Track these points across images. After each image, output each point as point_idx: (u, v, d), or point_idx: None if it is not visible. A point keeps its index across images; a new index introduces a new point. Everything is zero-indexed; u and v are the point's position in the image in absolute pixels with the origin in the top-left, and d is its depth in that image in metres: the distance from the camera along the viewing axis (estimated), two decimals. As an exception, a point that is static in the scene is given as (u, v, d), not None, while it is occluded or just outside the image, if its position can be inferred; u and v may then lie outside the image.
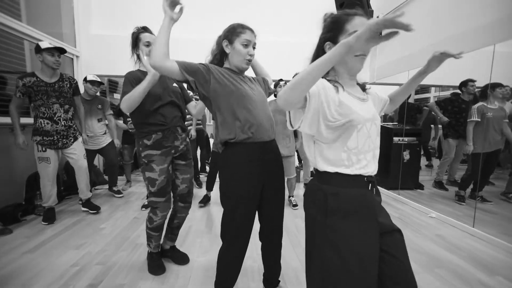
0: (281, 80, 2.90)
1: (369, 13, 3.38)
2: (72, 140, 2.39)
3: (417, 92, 4.57)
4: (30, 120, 2.44)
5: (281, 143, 2.71)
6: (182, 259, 1.70)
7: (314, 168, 0.86)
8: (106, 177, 3.50)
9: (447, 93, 3.76)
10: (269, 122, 1.17)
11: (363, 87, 0.91)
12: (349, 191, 0.76)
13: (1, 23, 2.46)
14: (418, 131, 3.67)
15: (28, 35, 2.82)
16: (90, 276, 1.54)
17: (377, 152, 0.83)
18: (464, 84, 3.07)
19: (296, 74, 2.89)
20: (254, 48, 1.16)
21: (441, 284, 1.54)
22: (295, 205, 2.85)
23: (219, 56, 1.19)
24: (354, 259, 0.72)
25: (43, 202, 2.33)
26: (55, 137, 2.26)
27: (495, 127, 2.68)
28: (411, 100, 4.33)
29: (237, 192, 1.12)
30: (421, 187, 3.63)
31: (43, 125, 2.21)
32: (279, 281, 1.41)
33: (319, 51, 0.84)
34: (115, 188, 3.19)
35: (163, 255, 1.71)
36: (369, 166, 0.79)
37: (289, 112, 0.79)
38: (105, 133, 3.06)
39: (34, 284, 1.46)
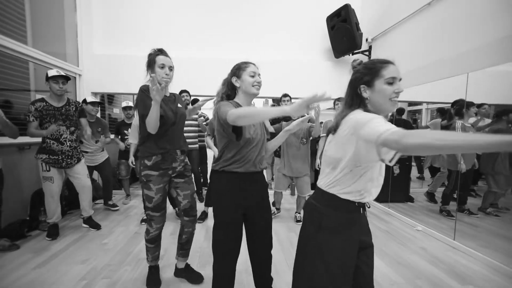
0: (286, 95, 3.15)
1: (358, 37, 3.69)
2: (76, 161, 2.57)
3: (410, 104, 4.84)
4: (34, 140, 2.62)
5: (295, 163, 2.90)
6: (196, 278, 1.82)
7: (317, 183, 1.05)
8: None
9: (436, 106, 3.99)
10: (259, 156, 1.36)
11: None
12: (342, 214, 0.97)
13: (8, 47, 2.67)
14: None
15: (33, 57, 3.03)
16: (98, 290, 1.70)
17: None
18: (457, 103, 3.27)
19: (284, 94, 3.14)
20: (259, 76, 1.35)
21: (419, 294, 1.73)
22: (299, 221, 3.02)
23: (230, 92, 1.41)
24: (335, 265, 0.94)
25: (48, 218, 2.49)
26: (60, 156, 2.45)
27: None
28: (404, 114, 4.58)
29: (220, 216, 1.33)
30: (411, 199, 3.84)
31: (49, 144, 2.41)
32: None
33: (353, 93, 0.98)
34: (110, 202, 3.39)
35: (178, 275, 1.87)
36: (373, 195, 0.99)
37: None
38: (102, 150, 3.29)
39: (45, 298, 1.61)
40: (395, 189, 3.71)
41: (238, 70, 1.36)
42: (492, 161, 2.94)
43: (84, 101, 3.09)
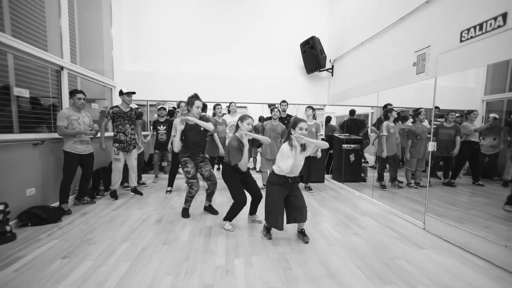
0: (274, 106, 4.54)
1: (322, 59, 5.09)
2: (132, 148, 3.94)
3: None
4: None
5: (274, 149, 4.28)
6: (214, 212, 3.29)
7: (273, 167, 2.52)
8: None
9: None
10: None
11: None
12: (279, 179, 2.45)
13: (66, 67, 4.00)
14: (360, 140, 5.34)
15: (82, 74, 4.32)
16: (154, 218, 3.08)
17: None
18: (385, 107, 4.74)
19: (283, 100, 4.63)
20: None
21: (336, 219, 3.13)
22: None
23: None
24: (276, 197, 2.43)
25: (111, 186, 3.84)
26: (125, 144, 3.83)
27: (393, 138, 4.38)
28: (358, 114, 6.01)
29: (231, 180, 2.76)
30: (363, 180, 5.27)
31: (119, 136, 3.78)
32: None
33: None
34: (140, 182, 4.77)
35: (206, 209, 3.34)
36: (294, 174, 2.44)
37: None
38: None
39: (126, 222, 2.96)
40: (351, 172, 5.14)
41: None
42: (408, 149, 4.37)
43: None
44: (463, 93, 3.27)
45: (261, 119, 6.20)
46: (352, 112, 5.28)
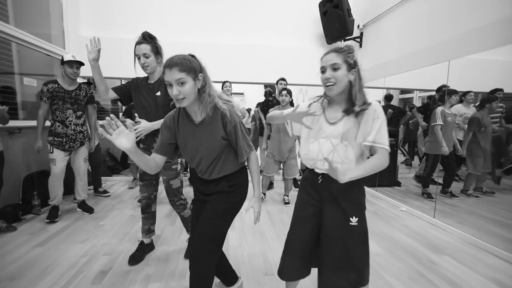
0: (283, 79, 3.61)
1: (350, 23, 3.82)
2: (79, 145, 2.68)
3: (401, 92, 5.07)
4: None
5: (284, 147, 3.10)
6: None
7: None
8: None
9: (427, 94, 4.23)
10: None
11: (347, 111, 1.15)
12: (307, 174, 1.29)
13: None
14: (395, 132, 4.15)
15: (16, 37, 3.00)
16: (100, 264, 1.85)
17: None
18: (440, 90, 3.49)
19: (281, 78, 3.37)
20: (182, 83, 1.04)
21: (397, 262, 1.96)
22: (287, 203, 3.26)
23: None
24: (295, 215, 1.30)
25: (50, 200, 2.60)
26: (64, 139, 2.57)
27: (451, 130, 3.19)
28: (395, 102, 4.80)
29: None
30: (398, 184, 4.12)
31: (55, 127, 2.55)
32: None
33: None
34: (100, 189, 3.49)
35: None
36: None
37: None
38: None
39: (49, 273, 1.74)
40: (382, 175, 3.97)
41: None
42: (471, 145, 3.20)
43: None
44: None
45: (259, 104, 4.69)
46: (389, 97, 4.05)
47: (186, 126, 1.22)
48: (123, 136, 0.95)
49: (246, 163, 1.30)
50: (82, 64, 2.58)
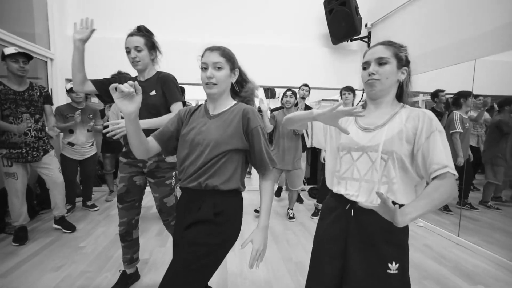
0: (306, 85, 3.29)
1: (358, 21, 3.57)
2: (42, 154, 2.33)
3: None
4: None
5: (287, 155, 2.77)
6: None
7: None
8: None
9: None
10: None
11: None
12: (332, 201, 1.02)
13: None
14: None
15: None
16: (72, 302, 1.54)
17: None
18: (435, 95, 3.22)
19: (304, 84, 3.05)
20: (219, 68, 0.98)
21: (428, 296, 1.67)
22: (292, 218, 2.95)
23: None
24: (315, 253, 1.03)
25: (13, 221, 2.27)
26: (24, 149, 2.20)
27: (468, 138, 2.92)
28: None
29: None
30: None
31: (10, 136, 2.15)
32: None
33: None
34: (89, 203, 3.17)
35: None
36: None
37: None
38: (92, 145, 3.07)
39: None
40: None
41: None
42: (493, 152, 2.92)
43: (67, 90, 2.89)
44: None
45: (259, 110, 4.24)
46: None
47: (199, 119, 1.05)
48: (128, 98, 0.83)
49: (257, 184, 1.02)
50: (30, 57, 2.19)
